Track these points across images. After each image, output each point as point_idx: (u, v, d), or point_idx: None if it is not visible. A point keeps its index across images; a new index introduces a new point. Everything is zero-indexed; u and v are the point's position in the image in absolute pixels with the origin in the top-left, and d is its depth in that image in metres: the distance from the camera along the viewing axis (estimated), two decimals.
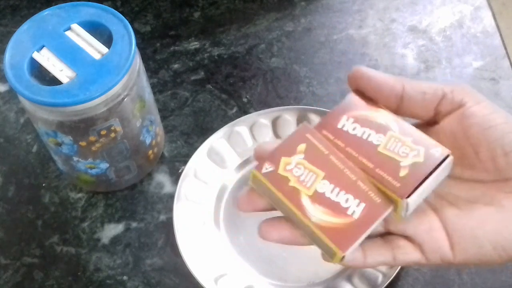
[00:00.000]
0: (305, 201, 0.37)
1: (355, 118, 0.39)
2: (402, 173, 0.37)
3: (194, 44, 0.76)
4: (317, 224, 0.37)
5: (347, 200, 0.37)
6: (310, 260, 0.61)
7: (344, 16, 0.77)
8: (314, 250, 0.61)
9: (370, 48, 0.74)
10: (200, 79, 0.73)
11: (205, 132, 0.68)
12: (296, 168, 0.38)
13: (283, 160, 0.38)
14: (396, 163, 0.37)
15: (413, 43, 0.75)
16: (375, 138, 0.38)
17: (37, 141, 0.69)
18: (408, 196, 0.36)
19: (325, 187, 0.37)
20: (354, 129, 0.39)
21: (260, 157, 0.39)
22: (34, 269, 0.62)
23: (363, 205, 0.37)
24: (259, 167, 0.39)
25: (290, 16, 0.78)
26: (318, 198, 0.37)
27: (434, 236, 0.38)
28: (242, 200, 0.40)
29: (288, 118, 0.67)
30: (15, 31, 0.57)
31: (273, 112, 0.67)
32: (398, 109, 0.40)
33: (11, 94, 0.73)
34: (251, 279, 0.60)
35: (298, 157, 0.38)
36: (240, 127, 0.67)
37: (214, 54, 0.75)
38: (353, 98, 0.40)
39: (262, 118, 0.67)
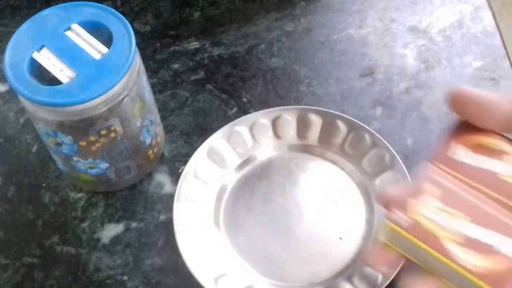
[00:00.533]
0: (451, 247, 0.33)
1: (465, 144, 0.35)
2: None
3: (194, 44, 0.76)
4: (470, 270, 0.32)
5: (498, 241, 0.33)
6: (310, 260, 0.61)
7: (344, 16, 0.77)
8: (314, 250, 0.61)
9: (370, 48, 0.74)
10: (200, 79, 0.73)
11: (205, 132, 0.68)
12: (432, 212, 0.34)
13: (414, 205, 0.34)
14: None
15: (413, 43, 0.75)
16: (493, 165, 0.34)
17: (37, 141, 0.70)
18: None
19: (471, 229, 0.33)
20: (468, 157, 0.35)
21: (388, 203, 0.35)
22: (34, 269, 0.62)
23: None
24: (392, 219, 0.34)
25: (290, 16, 0.78)
26: (467, 243, 0.33)
27: None
28: (374, 255, 0.36)
29: (288, 118, 0.67)
30: (15, 31, 0.57)
31: (273, 112, 0.67)
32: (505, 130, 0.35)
33: (11, 94, 0.73)
34: (251, 279, 0.60)
35: (432, 201, 0.34)
36: (240, 127, 0.67)
37: (214, 54, 0.75)
38: (457, 123, 0.36)
39: (262, 118, 0.67)
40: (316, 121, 0.67)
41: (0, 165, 0.69)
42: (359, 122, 0.65)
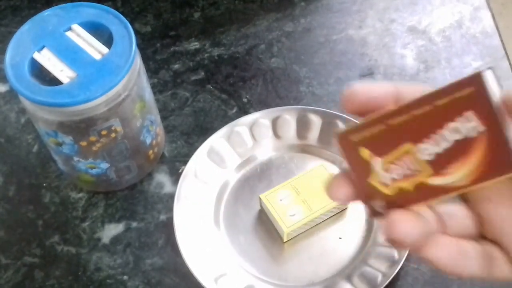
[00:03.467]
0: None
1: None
2: None
3: (194, 45, 0.76)
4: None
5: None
6: (310, 260, 0.61)
7: (343, 17, 0.78)
8: (314, 250, 0.61)
9: (369, 48, 0.75)
10: (200, 79, 0.74)
11: (205, 132, 0.69)
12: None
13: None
14: None
15: (412, 43, 0.75)
16: None
17: (37, 141, 0.70)
18: None
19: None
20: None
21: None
22: (35, 268, 0.62)
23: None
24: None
25: (290, 17, 0.78)
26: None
27: None
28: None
29: (288, 118, 0.67)
30: (15, 31, 0.57)
31: (273, 112, 0.68)
32: None
33: (12, 94, 0.73)
34: (251, 279, 0.60)
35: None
36: (240, 127, 0.67)
37: (214, 54, 0.75)
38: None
39: (262, 118, 0.67)
40: (316, 121, 0.67)
41: (0, 165, 0.69)
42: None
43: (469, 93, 0.29)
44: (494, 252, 0.33)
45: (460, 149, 0.29)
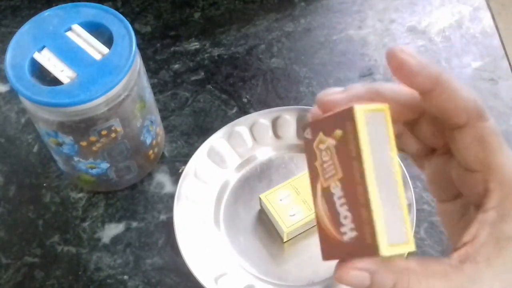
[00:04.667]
0: (318, 189, 0.34)
1: None
2: None
3: (194, 45, 0.76)
4: (317, 217, 0.33)
5: (345, 217, 0.32)
6: (309, 260, 0.61)
7: (343, 17, 0.78)
8: (313, 250, 0.61)
9: (369, 49, 0.75)
10: (200, 79, 0.74)
11: (205, 132, 0.69)
12: (325, 151, 0.33)
13: (320, 136, 0.34)
14: None
15: (412, 43, 0.75)
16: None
17: (38, 141, 0.70)
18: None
19: (336, 190, 0.32)
20: None
21: (321, 106, 0.35)
22: (35, 268, 0.62)
23: (355, 233, 0.31)
24: (303, 127, 0.35)
25: (290, 17, 0.78)
26: (327, 195, 0.33)
27: None
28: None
29: (288, 118, 0.67)
30: (16, 31, 0.57)
31: (273, 112, 0.68)
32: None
33: (12, 94, 0.73)
34: (251, 278, 0.60)
35: (331, 142, 0.33)
36: (240, 127, 0.67)
37: (214, 55, 0.75)
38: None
39: (262, 118, 0.67)
40: None
41: (1, 165, 0.69)
42: None
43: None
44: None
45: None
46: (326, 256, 0.33)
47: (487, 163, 0.33)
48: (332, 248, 0.32)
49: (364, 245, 0.31)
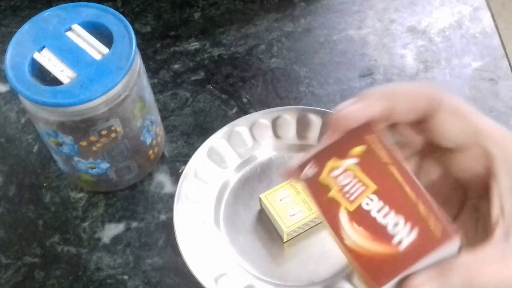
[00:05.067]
0: (343, 218, 0.31)
1: None
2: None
3: (194, 45, 0.76)
4: (351, 248, 0.30)
5: (396, 224, 0.30)
6: (309, 260, 0.61)
7: (343, 17, 0.78)
8: (313, 250, 0.62)
9: (369, 49, 0.75)
10: (200, 79, 0.74)
11: (205, 132, 0.69)
12: (343, 175, 0.31)
13: (331, 163, 0.32)
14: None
15: (412, 43, 0.75)
16: None
17: (38, 141, 0.70)
18: None
19: (372, 205, 0.30)
20: None
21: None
22: (35, 268, 0.62)
23: (415, 232, 0.29)
24: (301, 167, 0.32)
25: (290, 17, 0.78)
26: (360, 216, 0.30)
27: None
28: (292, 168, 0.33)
29: (288, 118, 0.67)
30: (16, 31, 0.57)
31: (273, 112, 0.68)
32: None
33: (12, 94, 0.73)
34: (251, 278, 0.60)
35: (350, 162, 0.31)
36: (240, 127, 0.67)
37: (214, 55, 0.75)
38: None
39: (262, 118, 0.67)
40: (315, 121, 0.67)
41: (1, 165, 0.69)
42: None
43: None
44: None
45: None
46: (380, 280, 0.29)
47: (473, 126, 0.33)
48: (383, 269, 0.29)
49: (432, 236, 0.29)
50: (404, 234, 0.29)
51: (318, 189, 0.32)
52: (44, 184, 0.67)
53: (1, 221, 0.65)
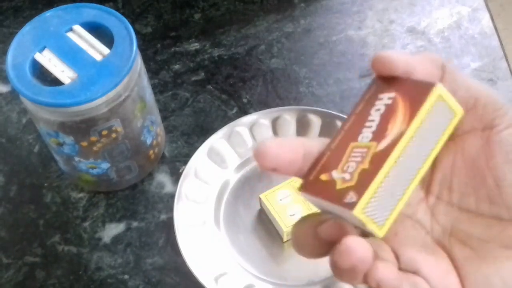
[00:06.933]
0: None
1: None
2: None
3: (194, 45, 0.76)
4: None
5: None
6: (309, 260, 0.61)
7: (343, 17, 0.78)
8: None
9: (369, 49, 0.75)
10: (201, 79, 0.74)
11: (205, 132, 0.69)
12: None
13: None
14: None
15: (411, 44, 0.75)
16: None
17: (38, 141, 0.70)
18: None
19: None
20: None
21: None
22: (36, 268, 0.62)
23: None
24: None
25: (290, 17, 0.78)
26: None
27: (448, 282, 0.32)
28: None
29: (288, 118, 0.67)
30: (17, 32, 0.57)
31: (273, 112, 0.68)
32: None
33: (13, 94, 0.73)
34: (251, 278, 0.60)
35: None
36: (240, 127, 0.67)
37: (214, 55, 0.76)
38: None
39: (262, 119, 0.68)
40: (315, 121, 0.67)
41: (2, 165, 0.69)
42: None
43: (373, 88, 0.34)
44: (415, 279, 0.32)
45: (386, 116, 0.32)
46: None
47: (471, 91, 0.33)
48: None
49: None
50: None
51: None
52: (45, 184, 0.67)
53: (2, 221, 0.66)
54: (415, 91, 0.32)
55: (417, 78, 0.33)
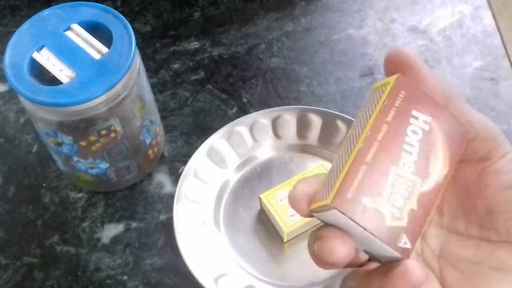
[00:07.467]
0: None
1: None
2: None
3: (194, 44, 0.76)
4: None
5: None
6: (310, 260, 0.60)
7: (344, 16, 0.77)
8: None
9: (370, 48, 0.75)
10: (200, 79, 0.73)
11: (205, 132, 0.69)
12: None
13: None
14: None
15: (413, 43, 0.75)
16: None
17: (37, 141, 0.70)
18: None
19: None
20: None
21: None
22: (34, 269, 0.62)
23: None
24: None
25: (290, 16, 0.78)
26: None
27: None
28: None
29: (288, 118, 0.67)
30: (15, 31, 0.57)
31: (273, 112, 0.67)
32: None
33: (11, 94, 0.73)
34: (251, 279, 0.60)
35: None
36: (240, 127, 0.67)
37: (214, 54, 0.75)
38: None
39: (262, 118, 0.67)
40: (316, 121, 0.67)
41: (0, 165, 0.69)
42: None
43: (402, 95, 0.31)
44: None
45: (425, 146, 0.31)
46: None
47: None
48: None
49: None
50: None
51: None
52: (44, 184, 0.67)
53: (0, 221, 0.65)
54: (452, 131, 0.32)
55: (446, 105, 0.32)
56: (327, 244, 0.30)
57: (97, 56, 0.55)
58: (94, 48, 0.56)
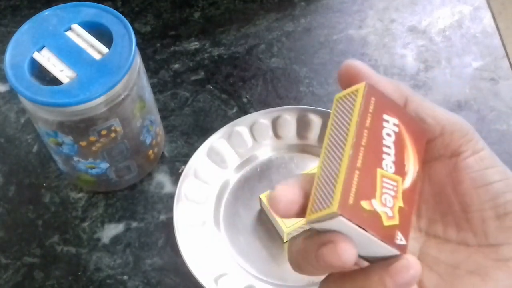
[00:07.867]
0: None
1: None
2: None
3: (194, 44, 0.76)
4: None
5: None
6: None
7: (343, 16, 0.78)
8: None
9: (369, 48, 0.75)
10: (200, 79, 0.74)
11: (205, 132, 0.69)
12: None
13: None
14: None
15: (412, 43, 0.75)
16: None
17: (37, 141, 0.70)
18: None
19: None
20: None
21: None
22: (35, 268, 0.62)
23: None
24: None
25: (290, 16, 0.78)
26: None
27: None
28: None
29: (288, 118, 0.67)
30: (15, 31, 0.57)
31: (273, 112, 0.68)
32: None
33: (12, 94, 0.73)
34: (251, 279, 0.60)
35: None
36: (240, 127, 0.67)
37: (214, 54, 0.75)
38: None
39: (262, 118, 0.67)
40: (316, 121, 0.67)
41: (0, 165, 0.69)
42: None
43: (373, 101, 0.32)
44: None
45: (399, 148, 0.33)
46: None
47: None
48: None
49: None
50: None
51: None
52: (44, 184, 0.67)
53: (1, 221, 0.65)
54: (415, 129, 0.33)
55: (404, 106, 0.34)
56: (338, 247, 0.30)
57: (97, 56, 0.55)
58: (94, 48, 0.56)
